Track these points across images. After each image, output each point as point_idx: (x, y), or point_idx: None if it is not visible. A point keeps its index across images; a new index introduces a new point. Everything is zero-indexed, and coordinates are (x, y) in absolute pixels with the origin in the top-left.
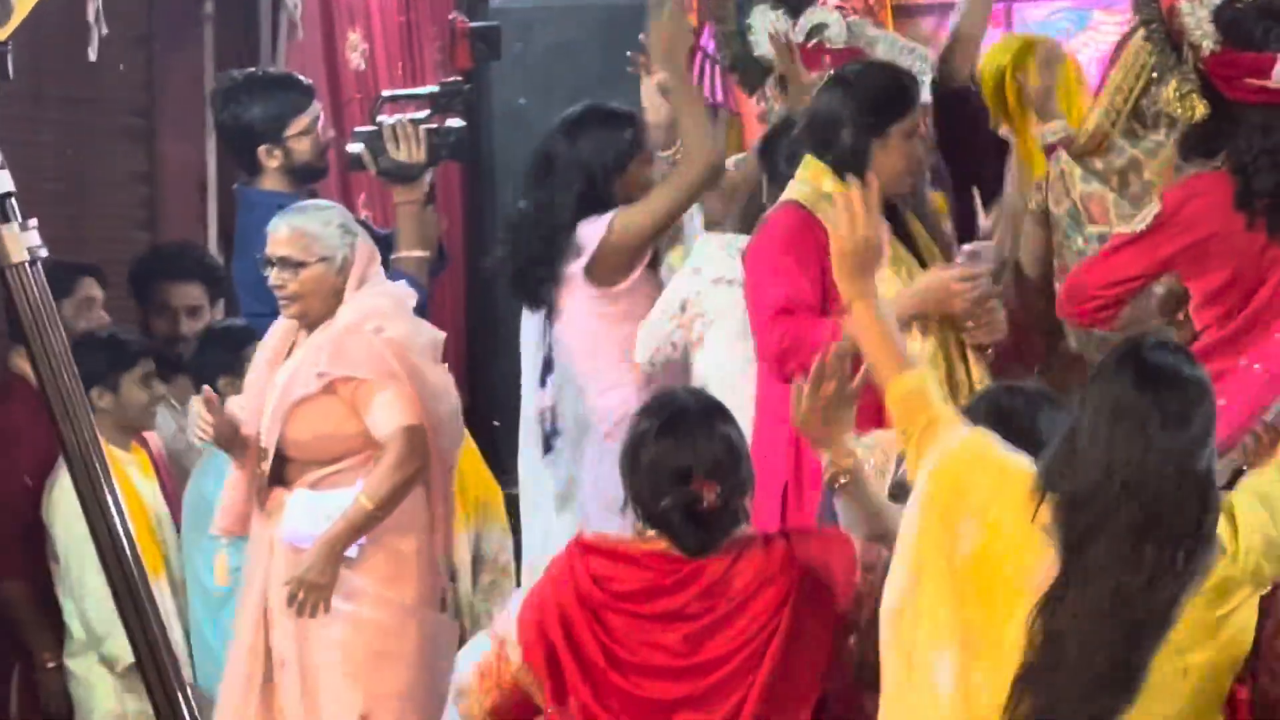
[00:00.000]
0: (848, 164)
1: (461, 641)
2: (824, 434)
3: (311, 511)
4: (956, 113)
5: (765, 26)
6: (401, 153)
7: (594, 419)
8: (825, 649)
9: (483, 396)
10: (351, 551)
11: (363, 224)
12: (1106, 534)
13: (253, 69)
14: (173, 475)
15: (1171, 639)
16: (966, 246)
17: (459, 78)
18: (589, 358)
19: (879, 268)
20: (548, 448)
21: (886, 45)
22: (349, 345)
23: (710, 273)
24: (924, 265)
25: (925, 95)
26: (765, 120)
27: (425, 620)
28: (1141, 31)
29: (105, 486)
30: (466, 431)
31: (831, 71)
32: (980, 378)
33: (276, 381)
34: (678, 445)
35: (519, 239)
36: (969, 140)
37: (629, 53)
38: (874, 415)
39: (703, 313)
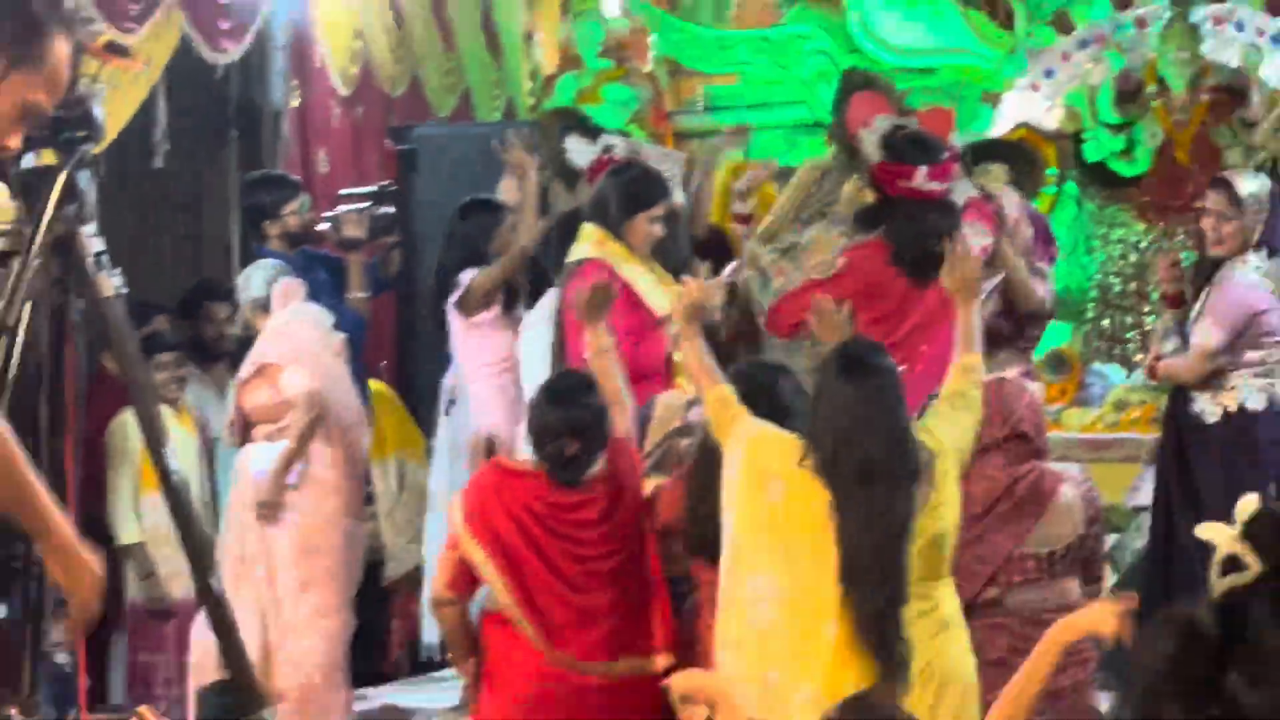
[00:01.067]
0: (614, 234)
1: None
2: (590, 319)
3: (267, 456)
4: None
5: (575, 147)
6: (351, 231)
7: (469, 396)
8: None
9: (409, 384)
10: (293, 480)
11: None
12: (847, 481)
13: (265, 170)
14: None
15: None
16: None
17: (390, 182)
18: (463, 360)
19: (706, 318)
20: (447, 411)
21: (652, 153)
22: (268, 343)
23: None
24: None
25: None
26: None
27: (342, 525)
28: (805, 163)
29: (164, 446)
30: (397, 398)
31: None
32: None
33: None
34: (555, 411)
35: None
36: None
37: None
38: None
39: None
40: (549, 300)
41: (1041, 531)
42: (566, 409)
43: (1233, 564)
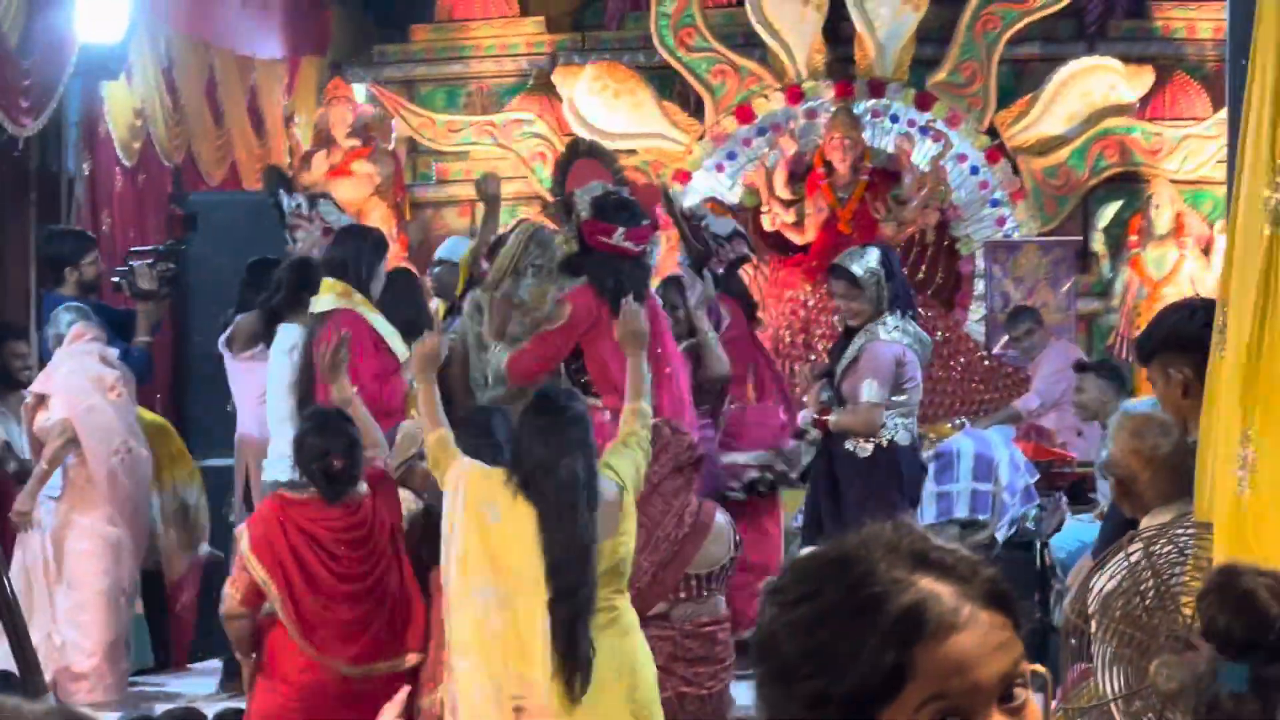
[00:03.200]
0: (358, 285)
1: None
2: (333, 377)
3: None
4: None
5: (284, 200)
6: (142, 283)
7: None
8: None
9: (181, 410)
10: (55, 492)
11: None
12: (543, 496)
13: (63, 226)
14: None
15: None
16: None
17: (177, 240)
18: (235, 392)
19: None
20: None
21: (333, 210)
22: (42, 378)
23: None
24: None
25: None
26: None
27: (100, 532)
28: (518, 225)
29: None
30: (173, 430)
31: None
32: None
33: None
34: (319, 436)
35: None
36: None
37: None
38: None
39: None
40: (288, 338)
41: (702, 554)
42: (329, 433)
43: None
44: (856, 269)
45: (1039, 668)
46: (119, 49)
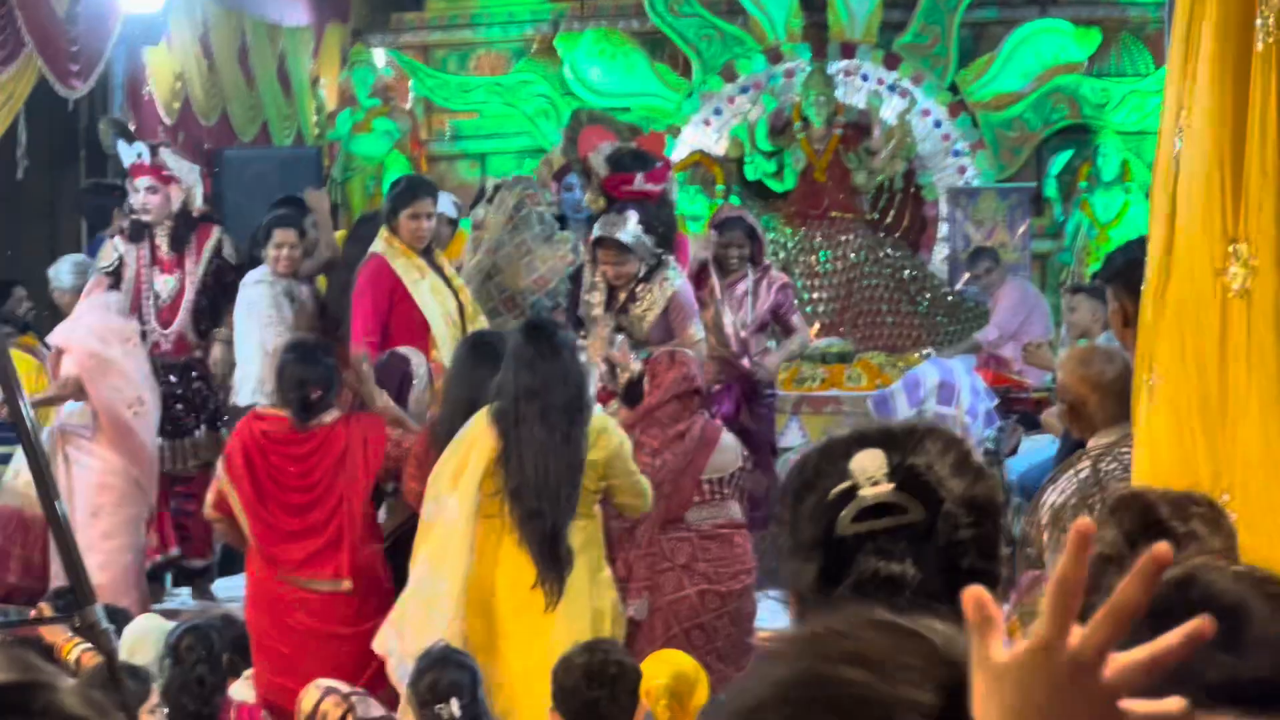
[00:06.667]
0: (393, 232)
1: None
2: (369, 398)
3: (66, 410)
4: None
5: (122, 149)
6: None
7: None
8: (369, 484)
9: None
10: (87, 434)
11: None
12: (523, 421)
13: (97, 180)
14: None
15: None
16: None
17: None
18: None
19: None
20: None
21: (172, 159)
22: (60, 329)
23: None
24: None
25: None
26: None
27: (124, 471)
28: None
29: (21, 398)
30: None
31: None
32: None
33: None
34: (303, 366)
35: None
36: None
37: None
38: None
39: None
40: (255, 273)
41: (713, 462)
42: (312, 365)
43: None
44: (623, 237)
45: None
46: (159, 17)
